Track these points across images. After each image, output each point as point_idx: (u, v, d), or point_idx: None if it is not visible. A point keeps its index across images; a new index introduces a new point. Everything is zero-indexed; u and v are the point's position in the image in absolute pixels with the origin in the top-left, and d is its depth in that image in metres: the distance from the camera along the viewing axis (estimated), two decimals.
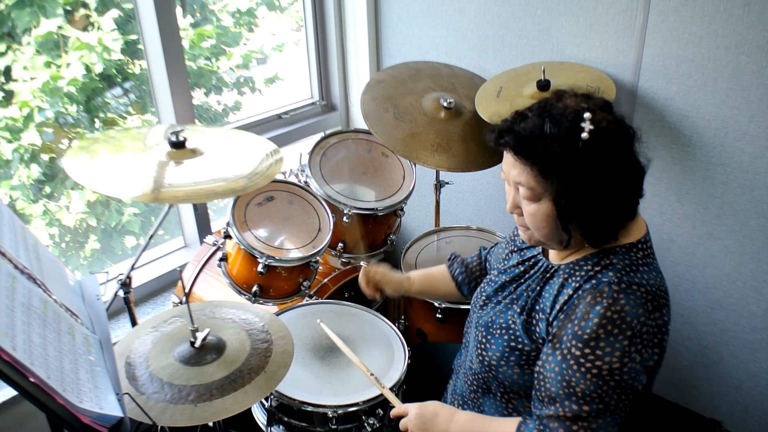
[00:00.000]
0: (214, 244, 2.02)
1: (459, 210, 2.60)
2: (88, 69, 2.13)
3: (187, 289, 1.96)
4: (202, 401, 1.22)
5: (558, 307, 1.18)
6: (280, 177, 1.97)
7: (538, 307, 1.23)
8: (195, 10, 2.61)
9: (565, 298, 1.17)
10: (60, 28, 2.06)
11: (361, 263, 1.72)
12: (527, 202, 1.18)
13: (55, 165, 2.18)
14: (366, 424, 1.48)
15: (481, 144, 2.00)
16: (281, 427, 1.53)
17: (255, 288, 1.77)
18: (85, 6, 2.15)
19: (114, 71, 2.25)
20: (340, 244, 2.00)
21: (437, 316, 1.84)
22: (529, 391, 1.24)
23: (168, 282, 2.25)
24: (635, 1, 1.85)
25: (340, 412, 1.45)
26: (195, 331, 1.33)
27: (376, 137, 1.99)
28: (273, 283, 1.79)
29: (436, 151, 1.95)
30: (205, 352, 1.33)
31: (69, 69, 2.10)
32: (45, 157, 2.13)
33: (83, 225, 2.33)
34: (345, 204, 1.95)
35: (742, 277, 1.94)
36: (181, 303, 1.98)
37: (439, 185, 2.24)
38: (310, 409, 1.46)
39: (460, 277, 1.65)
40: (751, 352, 2.00)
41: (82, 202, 2.28)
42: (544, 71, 1.85)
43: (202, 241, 2.14)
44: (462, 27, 2.28)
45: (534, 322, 1.23)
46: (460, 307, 1.81)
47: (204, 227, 2.30)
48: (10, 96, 2.02)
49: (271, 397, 1.49)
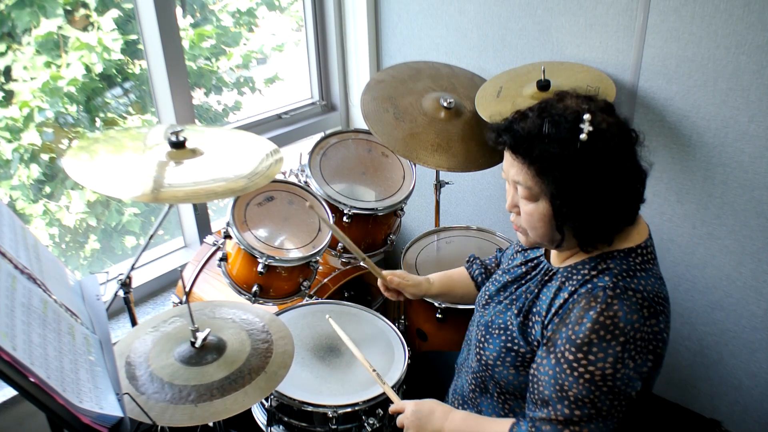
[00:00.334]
0: (214, 244, 2.02)
1: (459, 210, 2.60)
2: (88, 69, 2.13)
3: (187, 289, 1.96)
4: (202, 401, 1.22)
5: (554, 310, 1.18)
6: (280, 177, 1.97)
7: (534, 309, 1.23)
8: (195, 10, 2.61)
9: (561, 301, 1.17)
10: (60, 28, 2.06)
11: (361, 263, 1.72)
12: (525, 202, 1.19)
13: (55, 165, 2.18)
14: (366, 424, 1.48)
15: (481, 144, 2.00)
16: (281, 427, 1.53)
17: (255, 288, 1.77)
18: (85, 6, 2.15)
19: (114, 71, 2.25)
20: (340, 244, 2.00)
21: (437, 316, 1.84)
22: (524, 393, 1.24)
23: (168, 282, 2.25)
24: (635, 1, 1.85)
25: (340, 412, 1.45)
26: (195, 331, 1.33)
27: (376, 137, 1.99)
28: (273, 283, 1.79)
29: (436, 151, 1.95)
30: (206, 352, 1.33)
31: (69, 69, 2.10)
32: (45, 157, 2.13)
33: (83, 225, 2.33)
34: (345, 204, 1.95)
35: (742, 277, 1.94)
36: (181, 303, 1.98)
37: (439, 185, 2.24)
38: (310, 409, 1.46)
39: (479, 278, 1.65)
40: (751, 352, 2.00)
41: (82, 202, 2.28)
42: (544, 71, 1.85)
43: (202, 241, 2.14)
44: (462, 27, 2.28)
45: (530, 324, 1.24)
46: (460, 307, 1.81)
47: (204, 227, 2.30)
48: (10, 96, 2.02)
49: (271, 397, 1.49)
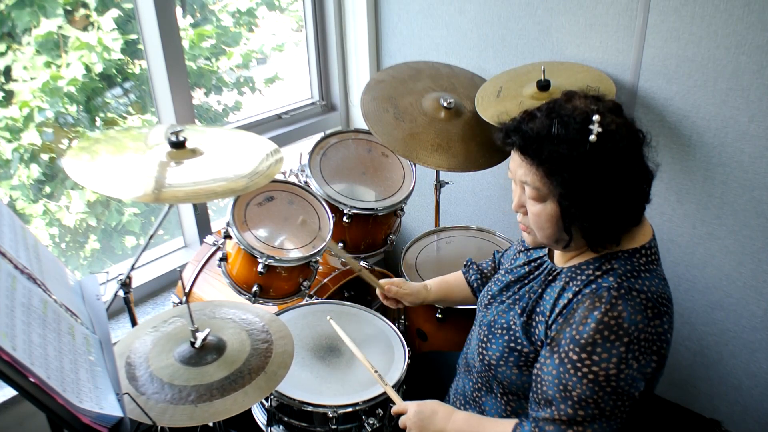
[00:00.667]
0: (214, 244, 2.02)
1: (459, 210, 2.59)
2: (88, 69, 2.13)
3: (187, 289, 1.96)
4: (202, 401, 1.22)
5: (558, 310, 1.17)
6: (280, 177, 1.97)
7: (538, 309, 1.23)
8: (195, 10, 2.61)
9: (565, 301, 1.17)
10: (60, 28, 2.06)
11: (362, 263, 1.72)
12: (532, 202, 1.18)
13: (55, 165, 2.18)
14: (366, 424, 1.48)
15: (481, 144, 2.00)
16: (281, 427, 1.53)
17: (255, 288, 1.77)
18: (85, 6, 2.15)
19: (114, 71, 2.25)
20: (340, 244, 2.00)
21: (437, 316, 1.84)
22: (527, 393, 1.24)
23: (168, 282, 2.25)
24: (635, 1, 1.85)
25: (340, 412, 1.45)
26: (195, 331, 1.33)
27: (376, 137, 1.99)
28: (273, 283, 1.79)
29: (436, 151, 1.95)
30: (206, 352, 1.33)
31: (69, 69, 2.10)
32: (45, 157, 2.13)
33: (83, 225, 2.33)
34: (345, 204, 1.95)
35: (742, 277, 1.94)
36: (181, 303, 1.98)
37: (439, 185, 2.24)
38: (310, 409, 1.46)
39: (475, 284, 1.65)
40: (751, 352, 2.00)
41: (82, 202, 2.27)
42: (544, 71, 1.85)
43: (202, 241, 2.14)
44: (462, 27, 2.28)
45: (534, 324, 1.23)
46: (460, 307, 1.80)
47: (204, 227, 2.30)
48: (10, 96, 2.02)
49: (271, 397, 1.49)
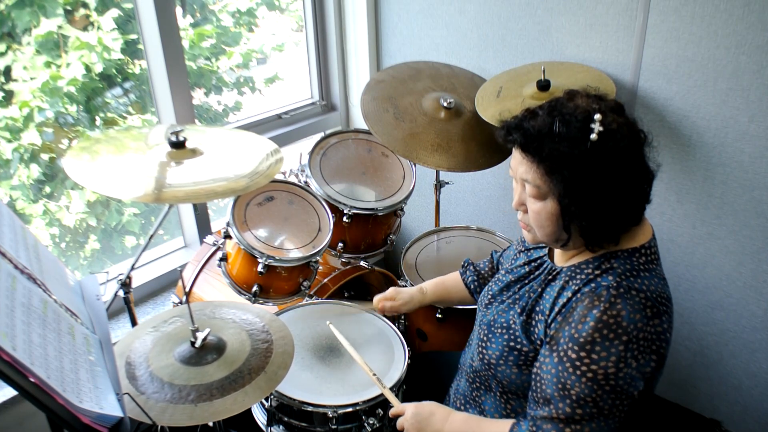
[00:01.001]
0: (214, 244, 2.01)
1: (459, 210, 2.59)
2: (88, 69, 2.13)
3: (187, 289, 1.96)
4: (202, 401, 1.22)
5: (557, 309, 1.18)
6: (280, 177, 1.97)
7: (538, 308, 1.24)
8: (195, 10, 2.61)
9: (564, 300, 1.17)
10: (60, 27, 2.06)
11: (362, 263, 1.72)
12: (533, 200, 1.18)
13: (55, 165, 2.18)
14: (366, 424, 1.48)
15: (481, 144, 2.00)
16: (281, 427, 1.53)
17: (255, 288, 1.77)
18: (85, 6, 2.15)
19: (114, 71, 2.25)
20: (340, 244, 2.00)
21: (437, 316, 1.84)
22: (526, 392, 1.24)
23: (168, 282, 2.25)
24: (635, 1, 1.85)
25: (340, 412, 1.45)
26: (195, 331, 1.33)
27: (376, 137, 1.99)
28: (273, 283, 1.79)
29: (436, 151, 1.95)
30: (206, 352, 1.33)
31: (69, 69, 2.10)
32: (45, 157, 2.13)
33: (83, 225, 2.33)
34: (345, 204, 1.95)
35: (742, 277, 1.94)
36: (181, 303, 1.98)
37: (439, 185, 2.24)
38: (310, 409, 1.46)
39: (472, 285, 1.65)
40: (751, 352, 2.00)
41: (82, 202, 2.27)
42: (544, 71, 1.85)
43: (202, 241, 2.14)
44: (462, 27, 2.28)
45: (533, 323, 1.24)
46: (460, 307, 1.80)
47: (204, 227, 2.30)
48: (10, 96, 2.02)
49: (271, 397, 1.49)
